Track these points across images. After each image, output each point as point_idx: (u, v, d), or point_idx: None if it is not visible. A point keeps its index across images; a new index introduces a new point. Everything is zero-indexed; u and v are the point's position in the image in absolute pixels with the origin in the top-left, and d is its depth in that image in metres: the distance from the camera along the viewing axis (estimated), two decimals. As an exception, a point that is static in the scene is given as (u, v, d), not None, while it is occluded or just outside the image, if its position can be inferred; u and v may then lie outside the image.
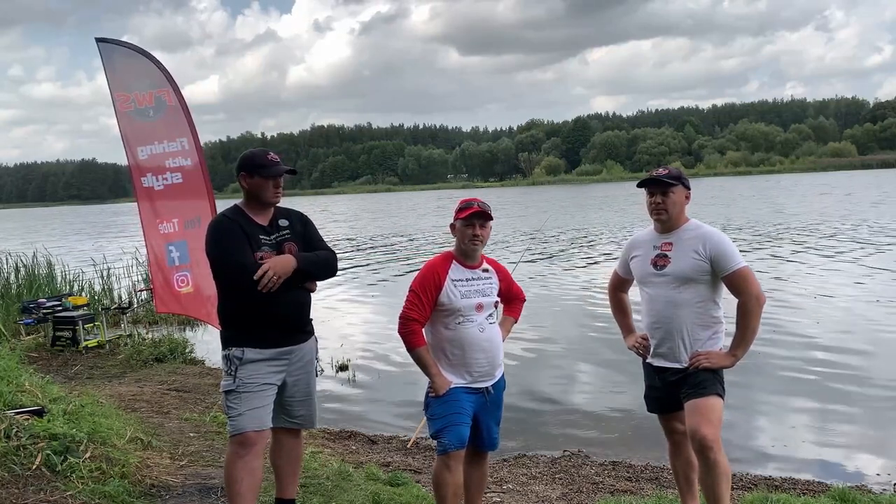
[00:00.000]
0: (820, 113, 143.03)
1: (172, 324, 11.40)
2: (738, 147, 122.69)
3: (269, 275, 3.27)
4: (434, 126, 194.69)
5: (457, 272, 3.52)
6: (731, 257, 3.43)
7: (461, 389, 3.49)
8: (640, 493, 4.81)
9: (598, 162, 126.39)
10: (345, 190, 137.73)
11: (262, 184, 3.45)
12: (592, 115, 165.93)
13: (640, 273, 3.66)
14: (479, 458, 3.73)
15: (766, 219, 27.96)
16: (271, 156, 3.51)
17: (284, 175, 3.53)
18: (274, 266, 3.30)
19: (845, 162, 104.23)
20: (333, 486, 4.41)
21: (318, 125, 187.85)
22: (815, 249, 18.24)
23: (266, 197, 3.48)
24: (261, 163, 3.46)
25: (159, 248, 7.46)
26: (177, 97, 7.43)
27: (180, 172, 7.41)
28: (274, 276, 3.28)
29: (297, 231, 3.56)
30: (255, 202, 3.50)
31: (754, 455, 5.83)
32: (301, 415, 3.65)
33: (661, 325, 3.54)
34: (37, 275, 12.97)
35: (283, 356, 3.47)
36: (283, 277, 3.31)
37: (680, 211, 3.57)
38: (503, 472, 5.38)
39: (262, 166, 3.45)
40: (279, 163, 3.51)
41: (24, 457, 3.86)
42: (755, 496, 4.48)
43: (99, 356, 9.01)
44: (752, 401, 6.95)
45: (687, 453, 3.68)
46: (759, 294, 3.44)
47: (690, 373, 3.46)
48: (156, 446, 4.83)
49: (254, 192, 3.47)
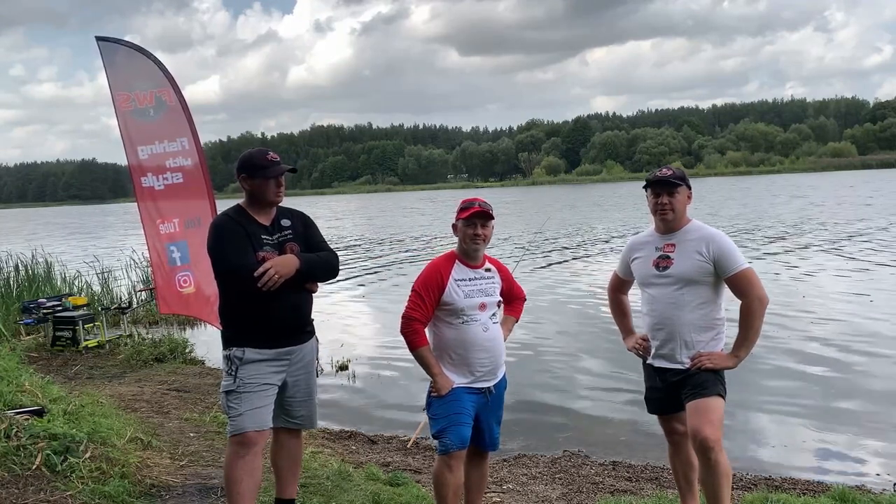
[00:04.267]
0: (820, 113, 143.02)
1: (172, 324, 11.40)
2: (738, 147, 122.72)
3: (271, 273, 3.26)
4: (434, 126, 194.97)
5: (460, 272, 3.52)
6: (734, 259, 3.42)
7: (463, 389, 3.49)
8: (640, 493, 4.81)
9: (598, 162, 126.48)
10: (345, 190, 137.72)
11: (264, 185, 3.44)
12: (592, 115, 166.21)
13: (641, 274, 3.65)
14: (480, 458, 3.73)
15: (788, 219, 27.95)
16: (271, 155, 3.49)
17: (286, 174, 3.53)
18: (276, 265, 3.29)
19: (845, 162, 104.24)
20: (333, 486, 4.41)
21: (319, 125, 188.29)
22: (825, 250, 18.24)
23: (268, 197, 3.47)
24: (261, 163, 3.45)
25: (161, 248, 7.45)
26: (177, 97, 7.42)
27: (181, 172, 7.40)
28: (275, 274, 3.27)
29: (298, 231, 3.56)
30: (257, 203, 3.49)
31: (754, 455, 5.83)
32: (302, 415, 3.64)
33: (663, 326, 3.53)
34: (36, 275, 12.96)
35: (284, 356, 3.46)
36: (285, 277, 3.30)
37: (683, 211, 3.57)
38: (503, 472, 5.37)
39: (263, 167, 3.44)
40: (279, 162, 3.50)
41: (24, 457, 3.86)
42: (755, 496, 4.48)
43: (99, 356, 9.00)
44: (751, 401, 6.95)
45: (687, 454, 3.67)
46: (763, 295, 3.43)
47: (692, 373, 3.45)
48: (156, 446, 4.83)
49: (256, 193, 3.46)
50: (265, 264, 3.28)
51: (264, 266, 3.27)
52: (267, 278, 3.26)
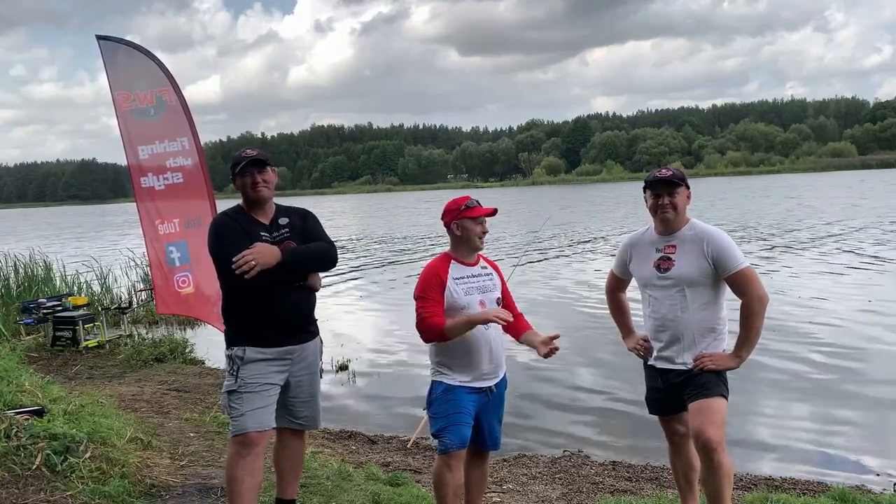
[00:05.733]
0: (820, 113, 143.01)
1: (172, 324, 11.40)
2: (738, 147, 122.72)
3: (248, 258, 3.19)
4: (434, 126, 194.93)
5: (457, 271, 3.52)
6: (734, 258, 3.40)
7: (463, 389, 3.48)
8: (640, 493, 4.81)
9: (598, 162, 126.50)
10: (345, 190, 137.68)
11: (242, 182, 3.47)
12: (592, 115, 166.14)
13: (642, 276, 3.63)
14: (480, 457, 3.72)
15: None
16: (246, 152, 3.50)
17: (268, 169, 3.48)
18: (254, 252, 3.23)
19: (845, 162, 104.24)
20: (333, 486, 4.41)
21: (319, 125, 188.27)
22: (817, 248, 18.25)
23: (247, 192, 3.47)
24: (236, 161, 3.48)
25: (159, 248, 7.45)
26: (177, 96, 7.42)
27: (181, 172, 7.40)
28: (252, 260, 3.19)
29: (296, 228, 3.54)
30: (248, 201, 3.51)
31: (754, 455, 5.83)
32: (305, 416, 3.64)
33: (666, 327, 3.52)
34: (36, 275, 12.96)
35: (286, 356, 3.46)
36: (263, 266, 3.22)
37: (683, 211, 3.55)
38: (503, 472, 5.37)
39: (237, 164, 3.47)
40: (249, 157, 3.47)
41: (24, 457, 3.86)
42: (755, 496, 4.48)
43: (99, 356, 9.00)
44: (752, 400, 6.95)
45: (687, 454, 3.67)
46: (763, 294, 3.41)
47: (695, 374, 3.44)
48: (156, 446, 4.82)
49: (241, 191, 3.50)
50: (242, 252, 3.23)
51: (241, 253, 3.22)
52: (242, 262, 3.18)
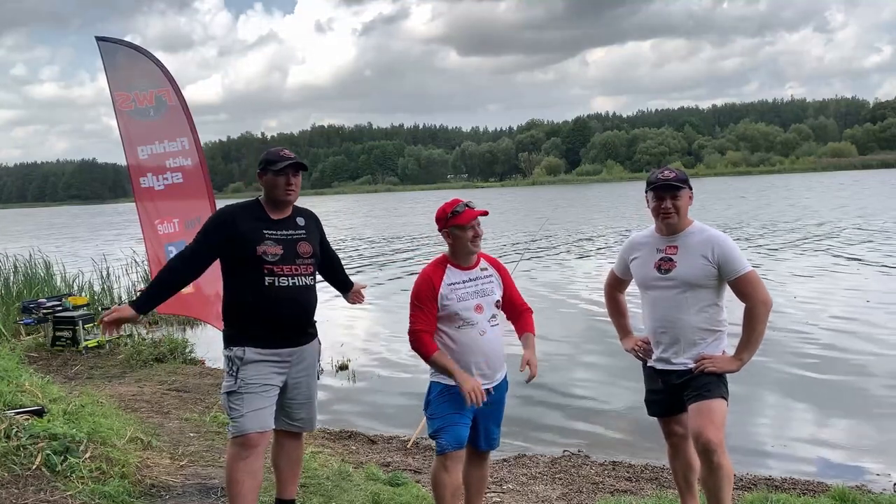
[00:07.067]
0: (820, 113, 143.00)
1: (172, 324, 11.40)
2: (738, 147, 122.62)
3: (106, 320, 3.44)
4: (434, 126, 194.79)
5: (452, 276, 3.49)
6: (738, 262, 3.39)
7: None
8: (640, 493, 4.81)
9: (598, 162, 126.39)
10: (345, 190, 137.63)
11: (273, 181, 3.47)
12: (592, 115, 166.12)
13: (642, 277, 3.62)
14: (480, 458, 3.71)
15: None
16: (284, 152, 3.53)
17: (301, 173, 3.55)
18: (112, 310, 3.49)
19: (845, 162, 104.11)
20: (333, 486, 4.41)
21: (319, 125, 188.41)
22: (817, 247, 18.25)
23: (276, 194, 3.49)
24: (272, 159, 3.49)
25: (159, 248, 7.45)
26: (177, 97, 7.43)
27: (181, 172, 7.40)
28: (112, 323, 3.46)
29: (312, 231, 3.61)
30: (270, 198, 3.53)
31: (754, 455, 5.83)
32: (301, 418, 3.64)
33: (666, 329, 3.51)
34: (35, 275, 12.96)
35: (285, 357, 3.46)
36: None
37: (686, 213, 3.54)
38: (503, 472, 5.37)
39: (272, 162, 3.48)
40: (292, 159, 3.51)
41: (24, 457, 3.85)
42: (755, 496, 4.48)
43: (99, 356, 9.00)
44: (752, 401, 6.95)
45: (686, 455, 3.66)
46: (767, 299, 3.40)
47: (695, 375, 3.43)
48: (156, 446, 4.82)
49: (267, 188, 3.51)
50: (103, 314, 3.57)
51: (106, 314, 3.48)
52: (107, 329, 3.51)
